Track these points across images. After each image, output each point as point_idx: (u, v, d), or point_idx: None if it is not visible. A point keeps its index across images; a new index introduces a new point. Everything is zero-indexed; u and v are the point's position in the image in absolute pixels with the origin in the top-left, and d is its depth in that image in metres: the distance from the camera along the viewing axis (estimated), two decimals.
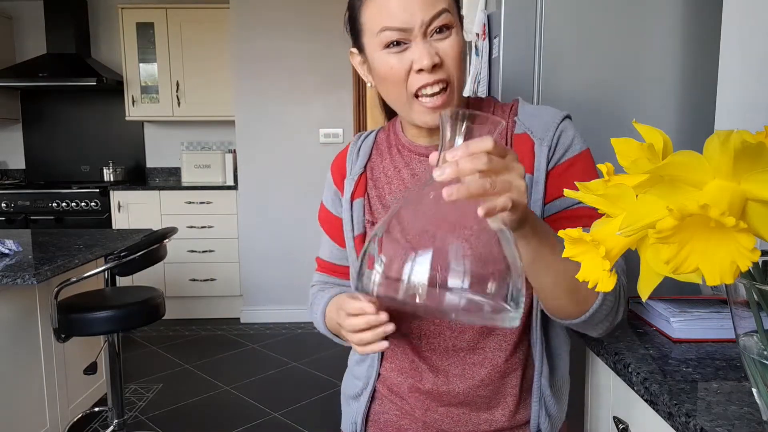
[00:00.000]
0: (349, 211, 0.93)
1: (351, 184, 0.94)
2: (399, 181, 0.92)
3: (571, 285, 0.71)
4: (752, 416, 0.67)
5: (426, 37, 0.78)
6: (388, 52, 0.80)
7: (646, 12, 1.38)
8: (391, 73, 0.80)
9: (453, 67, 0.80)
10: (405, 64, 0.79)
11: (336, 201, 0.98)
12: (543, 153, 0.84)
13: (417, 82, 0.79)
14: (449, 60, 0.79)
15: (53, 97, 4.50)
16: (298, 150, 3.98)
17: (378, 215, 0.92)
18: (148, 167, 4.61)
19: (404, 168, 0.92)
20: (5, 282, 1.70)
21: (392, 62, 0.80)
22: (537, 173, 0.84)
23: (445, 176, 0.56)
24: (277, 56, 3.90)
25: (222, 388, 3.02)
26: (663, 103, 1.40)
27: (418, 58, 0.78)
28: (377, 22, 0.79)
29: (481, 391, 0.90)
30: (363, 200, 0.93)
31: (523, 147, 0.86)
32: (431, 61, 0.77)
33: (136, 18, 4.10)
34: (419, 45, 0.78)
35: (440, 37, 0.79)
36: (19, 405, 2.10)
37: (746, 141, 0.39)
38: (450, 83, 0.80)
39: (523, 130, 0.87)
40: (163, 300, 2.24)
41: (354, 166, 0.95)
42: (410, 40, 0.78)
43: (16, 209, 4.01)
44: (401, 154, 0.93)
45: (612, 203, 0.46)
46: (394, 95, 0.84)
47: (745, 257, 0.39)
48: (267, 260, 4.02)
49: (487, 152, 0.56)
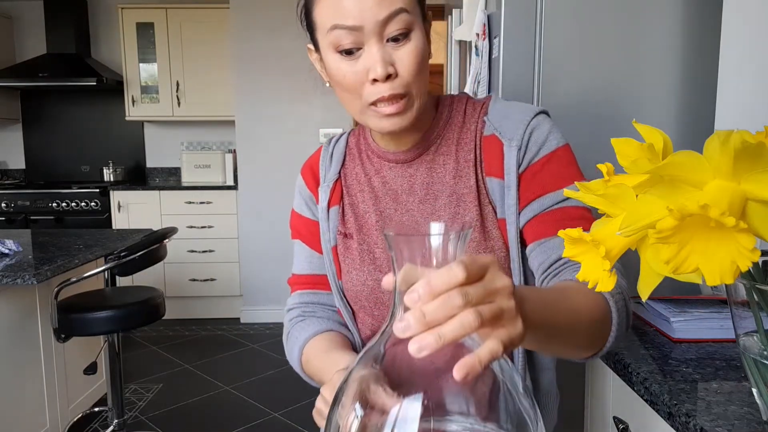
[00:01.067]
0: (326, 220, 0.88)
1: (327, 192, 0.89)
2: (370, 189, 0.87)
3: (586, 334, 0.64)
4: (752, 416, 0.67)
5: (381, 42, 0.71)
6: (340, 58, 0.73)
7: (646, 12, 1.38)
8: (344, 80, 0.74)
9: (411, 77, 0.73)
10: (359, 72, 0.72)
11: (312, 206, 0.92)
12: (512, 155, 0.78)
13: (372, 95, 0.73)
14: (406, 71, 0.72)
15: (53, 97, 4.50)
16: (298, 150, 3.98)
17: (350, 225, 0.87)
18: (148, 167, 4.61)
19: (375, 175, 0.87)
20: (5, 282, 1.70)
21: (345, 69, 0.73)
22: (507, 177, 0.78)
23: (411, 332, 0.40)
24: (277, 56, 3.90)
25: (222, 388, 3.02)
26: (663, 103, 1.40)
27: (372, 65, 0.71)
28: (328, 19, 0.72)
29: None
30: (338, 208, 0.88)
31: (493, 149, 0.80)
32: (385, 71, 0.70)
33: (136, 18, 4.10)
34: (373, 50, 0.71)
35: (397, 45, 0.72)
36: (19, 405, 2.10)
37: (746, 141, 0.40)
38: (408, 95, 0.74)
39: (491, 132, 0.81)
40: (163, 300, 2.24)
41: (328, 173, 0.90)
42: (363, 43, 0.71)
43: (16, 209, 4.01)
44: (371, 161, 0.88)
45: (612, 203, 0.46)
46: (348, 102, 0.78)
47: (745, 257, 0.39)
48: (267, 260, 4.02)
49: (459, 285, 0.41)
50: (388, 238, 0.45)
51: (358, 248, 0.85)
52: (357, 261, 0.85)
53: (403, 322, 0.40)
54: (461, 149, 0.84)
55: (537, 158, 0.78)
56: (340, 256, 0.88)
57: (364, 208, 0.87)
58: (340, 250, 0.88)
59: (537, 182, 0.78)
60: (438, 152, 0.84)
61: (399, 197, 0.85)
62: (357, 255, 0.85)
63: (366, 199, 0.87)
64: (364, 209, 0.87)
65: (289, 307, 0.93)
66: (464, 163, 0.82)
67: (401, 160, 0.85)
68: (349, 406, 0.45)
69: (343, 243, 0.87)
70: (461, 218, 0.81)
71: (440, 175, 0.83)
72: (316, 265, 0.92)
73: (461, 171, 0.82)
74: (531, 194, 0.78)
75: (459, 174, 0.82)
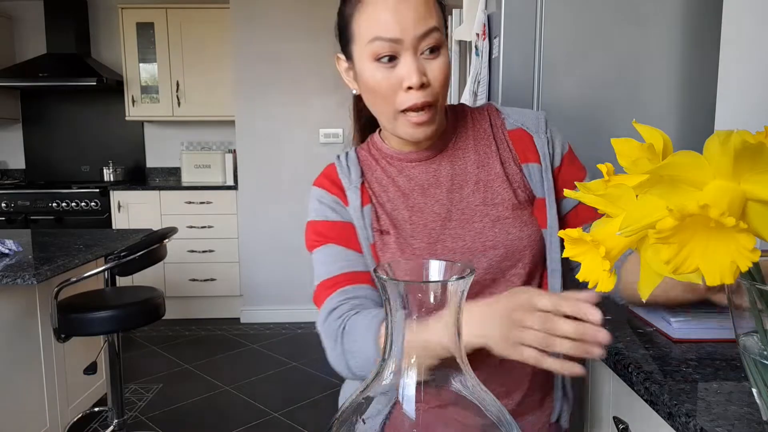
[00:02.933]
0: (361, 218, 0.90)
1: (356, 192, 0.91)
2: (396, 188, 0.92)
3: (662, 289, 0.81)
4: (752, 416, 0.67)
5: (416, 54, 0.79)
6: (377, 66, 0.81)
7: (646, 12, 1.38)
8: (379, 87, 0.81)
9: (439, 89, 0.81)
10: (394, 80, 0.80)
11: (339, 209, 0.92)
12: (543, 143, 0.89)
13: (405, 102, 0.81)
14: (437, 82, 0.81)
15: (53, 97, 4.50)
16: (298, 150, 3.98)
17: (384, 223, 0.90)
18: (148, 167, 4.61)
19: (398, 175, 0.92)
20: (5, 282, 1.70)
21: (380, 77, 0.81)
22: (544, 162, 0.89)
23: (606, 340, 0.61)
24: (277, 56, 3.90)
25: (222, 388, 3.02)
26: (663, 103, 1.40)
27: (407, 75, 0.79)
28: (369, 31, 0.80)
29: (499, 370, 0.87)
30: (371, 207, 0.91)
31: (524, 140, 0.90)
32: (420, 80, 0.78)
33: (136, 18, 4.10)
34: (408, 61, 0.79)
35: (430, 58, 0.80)
36: (19, 405, 2.10)
37: (746, 141, 0.40)
38: (435, 104, 0.82)
39: (516, 126, 0.91)
40: (163, 300, 2.24)
41: (351, 177, 0.93)
42: (400, 53, 0.79)
43: (16, 209, 4.01)
44: (391, 164, 0.93)
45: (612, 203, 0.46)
46: (380, 108, 0.85)
47: (745, 257, 0.39)
48: (267, 260, 4.02)
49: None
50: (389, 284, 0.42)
51: (395, 242, 0.88)
52: (398, 254, 0.88)
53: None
54: (479, 143, 0.92)
55: (564, 151, 0.91)
56: (378, 252, 0.90)
57: (393, 206, 0.91)
58: (378, 246, 0.90)
59: (575, 168, 0.89)
60: (456, 147, 0.92)
61: (426, 190, 0.90)
62: (396, 248, 0.88)
63: (393, 198, 0.91)
64: (393, 207, 0.90)
65: (331, 307, 0.86)
66: (485, 154, 0.91)
67: (423, 158, 0.92)
68: None
69: (380, 240, 0.89)
70: (491, 201, 0.88)
71: (462, 166, 0.91)
72: (354, 262, 0.89)
73: (483, 161, 0.91)
74: (573, 180, 0.87)
75: (481, 164, 0.90)
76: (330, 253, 0.91)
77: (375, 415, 0.43)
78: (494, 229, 0.86)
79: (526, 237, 0.86)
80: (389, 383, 0.43)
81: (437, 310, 0.42)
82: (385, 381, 0.44)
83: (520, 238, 0.86)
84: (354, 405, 0.44)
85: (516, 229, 0.86)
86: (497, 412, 0.43)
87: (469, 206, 0.88)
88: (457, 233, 0.87)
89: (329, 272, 0.90)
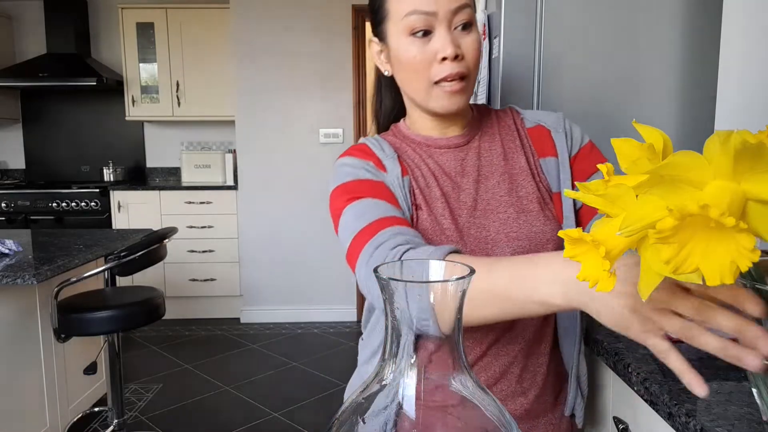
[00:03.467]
0: (401, 187, 0.86)
1: (395, 161, 0.88)
2: (426, 168, 0.90)
3: None
4: (752, 416, 0.67)
5: (450, 28, 0.82)
6: (412, 41, 0.83)
7: (646, 12, 1.38)
8: (414, 61, 0.83)
9: (472, 62, 0.84)
10: (428, 53, 0.82)
11: (374, 171, 0.87)
12: (561, 138, 0.90)
13: (440, 72, 0.82)
14: (470, 55, 0.83)
15: (53, 97, 4.50)
16: (298, 150, 3.98)
17: (418, 197, 0.88)
18: (148, 167, 4.61)
19: (428, 159, 0.91)
20: (5, 282, 1.70)
21: (415, 51, 0.83)
22: (561, 156, 0.90)
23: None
24: (277, 56, 3.90)
25: (222, 388, 3.02)
26: (663, 103, 1.40)
27: (441, 47, 0.81)
28: (406, 6, 0.82)
29: (514, 369, 0.88)
30: (409, 178, 0.88)
31: (542, 135, 0.92)
32: (454, 51, 0.81)
33: (136, 18, 4.10)
34: (443, 34, 0.81)
35: (463, 33, 0.83)
36: (19, 405, 2.10)
37: (746, 141, 0.39)
38: (468, 77, 0.84)
39: (535, 124, 0.93)
40: (163, 300, 2.24)
41: (385, 151, 0.90)
42: (434, 27, 0.81)
43: (16, 209, 4.01)
44: (420, 149, 0.92)
45: (612, 203, 0.46)
46: (414, 83, 0.86)
47: (745, 257, 0.39)
48: (267, 260, 4.02)
49: None
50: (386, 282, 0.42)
51: (428, 219, 0.87)
52: (429, 232, 0.87)
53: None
54: (505, 137, 0.93)
55: (584, 143, 0.92)
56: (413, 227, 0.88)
57: (425, 183, 0.90)
58: (413, 220, 0.87)
59: (594, 158, 0.89)
60: (483, 139, 0.93)
61: (454, 178, 0.90)
62: (428, 226, 0.87)
63: (426, 175, 0.90)
64: (426, 184, 0.90)
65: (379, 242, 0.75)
66: (510, 147, 0.92)
67: (452, 145, 0.92)
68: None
69: (415, 214, 0.88)
70: (516, 193, 0.89)
71: (488, 158, 0.92)
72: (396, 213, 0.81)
73: (509, 154, 0.92)
74: (589, 170, 0.88)
75: (507, 156, 0.92)
76: (365, 205, 0.81)
77: (377, 414, 0.43)
78: (518, 221, 0.87)
79: (549, 231, 0.86)
80: (389, 383, 0.43)
81: (438, 310, 0.42)
82: (385, 381, 0.44)
83: (543, 231, 0.86)
84: (354, 405, 0.44)
85: (540, 222, 0.86)
86: (497, 412, 0.43)
87: (495, 197, 0.88)
88: (481, 223, 0.87)
89: (367, 220, 0.79)
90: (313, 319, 4.03)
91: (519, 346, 0.88)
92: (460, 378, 0.43)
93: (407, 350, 0.43)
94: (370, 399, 0.44)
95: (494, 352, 0.88)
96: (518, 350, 0.88)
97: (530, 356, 0.89)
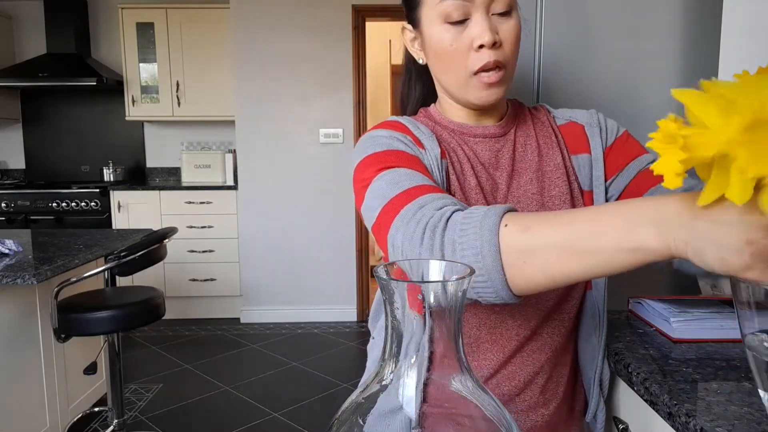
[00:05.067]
0: (439, 170, 0.80)
1: (433, 141, 0.82)
2: (463, 154, 0.85)
3: None
4: (752, 416, 0.67)
5: (487, 14, 0.77)
6: (447, 28, 0.78)
7: (646, 12, 1.38)
8: (450, 49, 0.78)
9: (510, 50, 0.79)
10: (464, 41, 0.77)
11: (409, 143, 0.81)
12: (595, 133, 0.88)
13: (478, 62, 0.77)
14: (508, 43, 0.78)
15: (53, 97, 4.50)
16: (298, 150, 3.98)
17: (453, 182, 0.83)
18: (148, 167, 4.61)
19: (462, 146, 0.86)
20: (5, 282, 1.70)
21: (450, 39, 0.78)
22: (595, 152, 0.87)
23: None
24: (277, 56, 3.90)
25: (222, 388, 3.02)
26: (663, 103, 1.40)
27: (478, 33, 0.76)
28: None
29: (539, 379, 0.86)
30: (446, 162, 0.83)
31: (574, 132, 0.90)
32: (492, 38, 0.76)
33: (136, 18, 4.10)
34: (480, 20, 0.76)
35: (502, 18, 0.78)
36: (19, 405, 2.10)
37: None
38: (506, 66, 0.79)
39: (566, 121, 0.91)
40: (163, 300, 2.24)
41: (421, 130, 0.84)
42: (471, 13, 0.77)
43: (16, 209, 4.01)
44: (454, 135, 0.87)
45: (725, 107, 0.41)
46: (450, 72, 0.81)
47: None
48: (267, 260, 4.02)
49: None
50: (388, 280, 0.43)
51: None
52: None
53: None
54: (540, 132, 0.90)
55: (619, 133, 0.89)
56: None
57: (461, 169, 0.84)
58: None
59: (630, 147, 0.87)
60: (518, 132, 0.89)
61: (488, 169, 0.86)
62: None
63: (462, 161, 0.85)
64: (461, 170, 0.84)
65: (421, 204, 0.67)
66: (545, 143, 0.89)
67: (489, 135, 0.87)
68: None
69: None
70: (548, 193, 0.86)
71: (523, 153, 0.88)
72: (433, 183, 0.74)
73: (544, 150, 0.88)
74: (627, 158, 0.85)
75: (542, 153, 0.88)
76: (401, 174, 0.73)
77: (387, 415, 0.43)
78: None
79: None
80: (389, 383, 0.43)
81: (438, 310, 0.42)
82: (385, 381, 0.44)
83: None
84: (354, 405, 0.44)
85: None
86: (497, 412, 0.43)
87: (526, 194, 0.85)
88: None
89: (403, 187, 0.71)
90: (313, 319, 4.03)
91: (546, 355, 0.85)
92: (460, 378, 0.43)
93: (407, 350, 0.43)
94: (371, 399, 0.44)
95: (520, 361, 0.85)
96: (545, 359, 0.85)
97: (556, 366, 0.87)
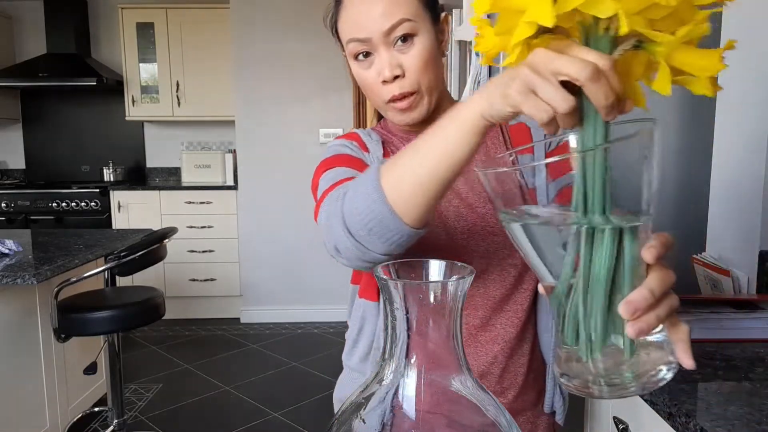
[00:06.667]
0: None
1: (378, 145, 0.91)
2: None
3: None
4: (752, 416, 0.67)
5: (389, 48, 0.80)
6: (359, 64, 0.84)
7: None
8: (365, 83, 0.85)
9: (417, 77, 0.82)
10: (373, 75, 0.83)
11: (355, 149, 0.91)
12: (540, 134, 0.90)
13: (386, 93, 0.83)
14: (412, 72, 0.81)
15: (53, 97, 4.50)
16: (298, 150, 3.98)
17: None
18: (148, 167, 4.61)
19: None
20: (5, 282, 1.70)
21: (362, 73, 0.84)
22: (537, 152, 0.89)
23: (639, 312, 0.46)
24: (277, 56, 3.90)
25: (222, 388, 3.02)
26: (663, 102, 1.40)
27: (380, 70, 0.81)
28: (346, 33, 0.83)
29: (494, 369, 0.89)
30: None
31: (521, 132, 0.92)
32: (392, 73, 0.80)
33: (136, 18, 4.10)
34: (382, 56, 0.81)
35: (403, 48, 0.80)
36: (19, 405, 2.10)
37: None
38: (418, 91, 0.83)
39: (517, 121, 0.92)
40: (163, 300, 2.24)
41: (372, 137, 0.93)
42: (374, 50, 0.81)
43: (16, 209, 4.01)
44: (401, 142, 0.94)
45: None
46: (371, 99, 0.89)
47: None
48: (267, 260, 4.02)
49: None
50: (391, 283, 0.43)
51: None
52: None
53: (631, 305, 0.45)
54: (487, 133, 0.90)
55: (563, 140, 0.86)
56: None
57: None
58: None
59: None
60: None
61: None
62: None
63: None
64: None
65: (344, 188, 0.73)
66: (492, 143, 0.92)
67: None
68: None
69: None
70: None
71: None
72: None
73: (492, 150, 0.92)
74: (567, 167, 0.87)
75: (488, 151, 0.91)
76: (338, 171, 0.85)
77: (371, 411, 0.43)
78: (497, 216, 0.86)
79: None
80: (389, 383, 0.43)
81: (437, 310, 0.42)
82: (385, 381, 0.44)
83: None
84: (354, 405, 0.44)
85: None
86: (496, 412, 0.43)
87: (474, 189, 0.89)
88: (460, 212, 0.87)
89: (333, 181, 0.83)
90: (313, 319, 4.03)
91: (499, 346, 0.89)
92: (459, 378, 0.43)
93: (407, 350, 0.43)
94: (371, 399, 0.44)
95: (472, 351, 0.88)
96: (498, 350, 0.89)
97: (512, 357, 0.90)
